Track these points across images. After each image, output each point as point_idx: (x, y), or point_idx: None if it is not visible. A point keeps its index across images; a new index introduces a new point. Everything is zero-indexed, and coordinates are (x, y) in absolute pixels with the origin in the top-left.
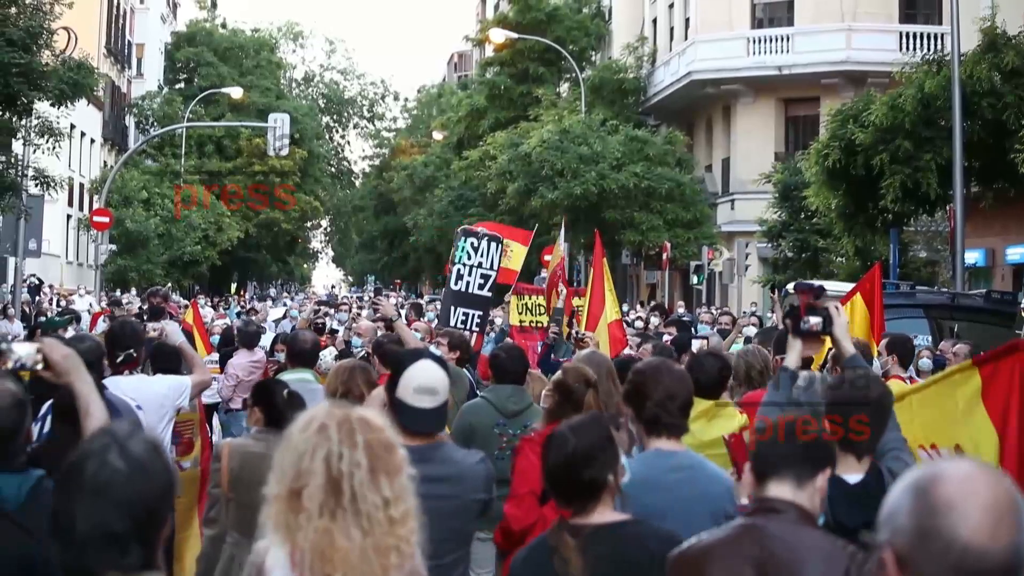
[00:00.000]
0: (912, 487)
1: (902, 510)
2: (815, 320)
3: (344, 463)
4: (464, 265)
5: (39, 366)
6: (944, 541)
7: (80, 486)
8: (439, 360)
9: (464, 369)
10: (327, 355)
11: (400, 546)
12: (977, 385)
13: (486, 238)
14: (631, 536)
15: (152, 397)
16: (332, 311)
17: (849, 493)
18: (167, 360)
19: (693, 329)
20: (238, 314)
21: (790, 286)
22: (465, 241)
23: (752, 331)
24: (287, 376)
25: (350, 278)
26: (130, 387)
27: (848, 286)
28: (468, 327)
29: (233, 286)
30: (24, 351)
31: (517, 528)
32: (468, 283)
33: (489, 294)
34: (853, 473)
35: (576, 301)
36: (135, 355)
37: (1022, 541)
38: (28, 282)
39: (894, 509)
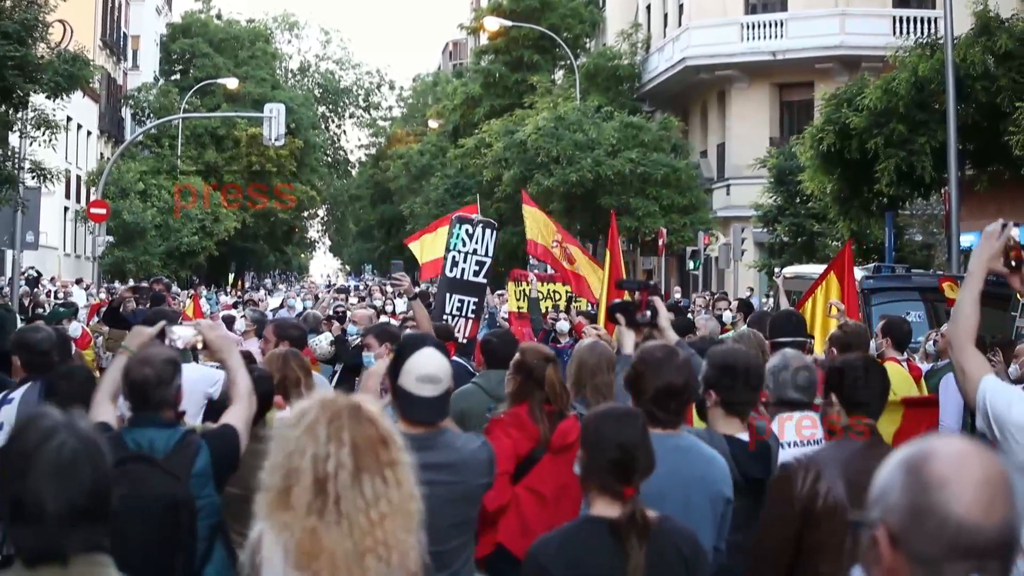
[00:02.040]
0: (904, 464)
1: (895, 487)
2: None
3: (330, 464)
4: (459, 252)
5: (199, 345)
6: (938, 518)
7: (43, 467)
8: (441, 347)
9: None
10: (323, 340)
11: (378, 549)
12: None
13: (480, 225)
14: (670, 535)
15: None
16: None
17: (749, 450)
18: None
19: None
20: (235, 304)
21: (785, 270)
22: (460, 228)
23: (729, 316)
24: None
25: (347, 267)
26: None
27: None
28: (464, 314)
29: (231, 276)
30: (185, 332)
31: (492, 508)
32: (463, 270)
33: (484, 280)
34: (742, 432)
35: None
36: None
37: (1015, 517)
38: (27, 275)
39: (886, 487)
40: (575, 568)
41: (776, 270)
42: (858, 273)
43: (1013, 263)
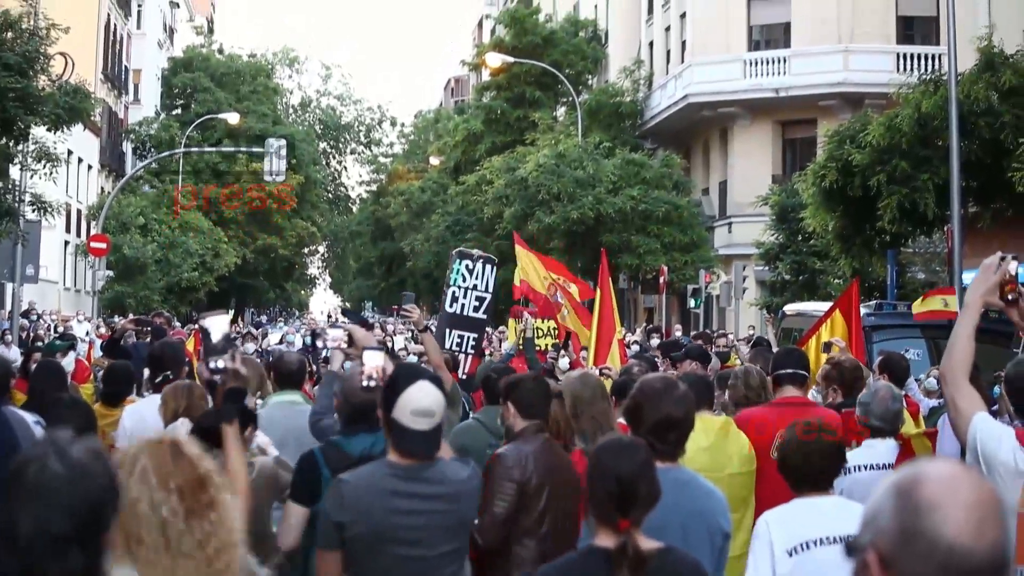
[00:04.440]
0: (894, 488)
1: (885, 511)
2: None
3: (165, 510)
4: (459, 287)
5: (344, 344)
6: (929, 541)
7: (21, 490)
8: (436, 380)
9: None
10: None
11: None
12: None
13: (481, 260)
14: (671, 566)
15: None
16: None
17: None
18: (287, 379)
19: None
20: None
21: (787, 307)
22: (460, 263)
23: (715, 361)
24: (275, 399)
25: (348, 304)
26: None
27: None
28: (464, 349)
29: (231, 312)
30: (336, 334)
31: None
32: (463, 305)
33: (484, 316)
34: None
35: (567, 317)
36: (172, 377)
37: (1006, 540)
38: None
39: (876, 510)
40: None
41: (785, 308)
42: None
43: (1010, 297)
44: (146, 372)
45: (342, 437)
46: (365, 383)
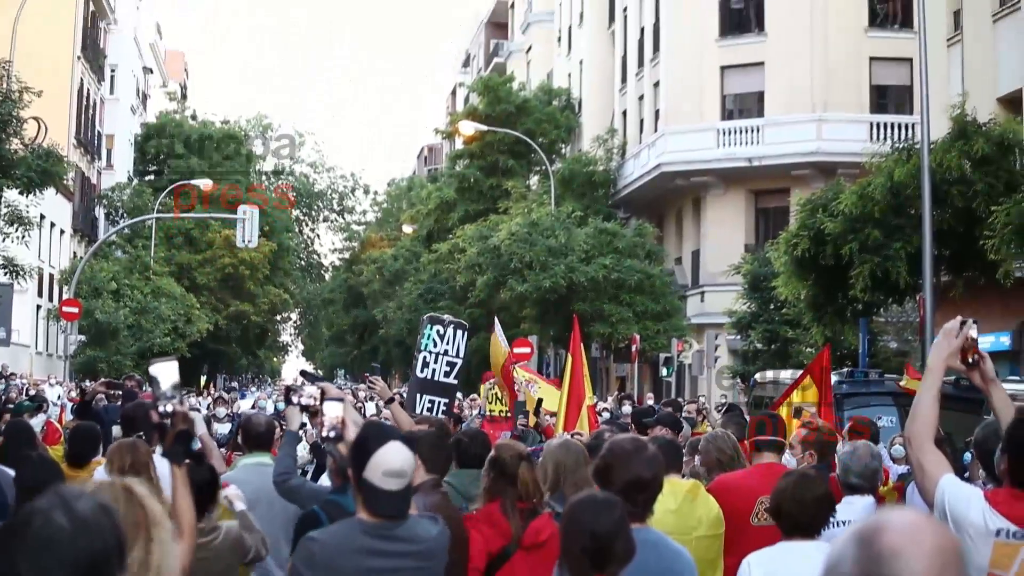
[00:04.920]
0: (856, 536)
1: (847, 559)
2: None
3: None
4: (430, 353)
5: (316, 401)
6: None
7: (25, 543)
8: (406, 441)
9: None
10: (300, 449)
11: None
12: None
13: (452, 325)
14: None
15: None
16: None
17: None
18: (256, 440)
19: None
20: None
21: (758, 375)
22: (431, 328)
23: (686, 428)
24: (244, 460)
25: (320, 372)
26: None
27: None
28: (434, 414)
29: (203, 379)
30: (311, 390)
31: None
32: (434, 370)
33: (455, 381)
34: None
35: (539, 390)
36: (144, 438)
37: None
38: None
39: (839, 558)
40: None
41: (756, 376)
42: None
43: (971, 360)
44: (117, 432)
45: (338, 495)
46: (325, 434)
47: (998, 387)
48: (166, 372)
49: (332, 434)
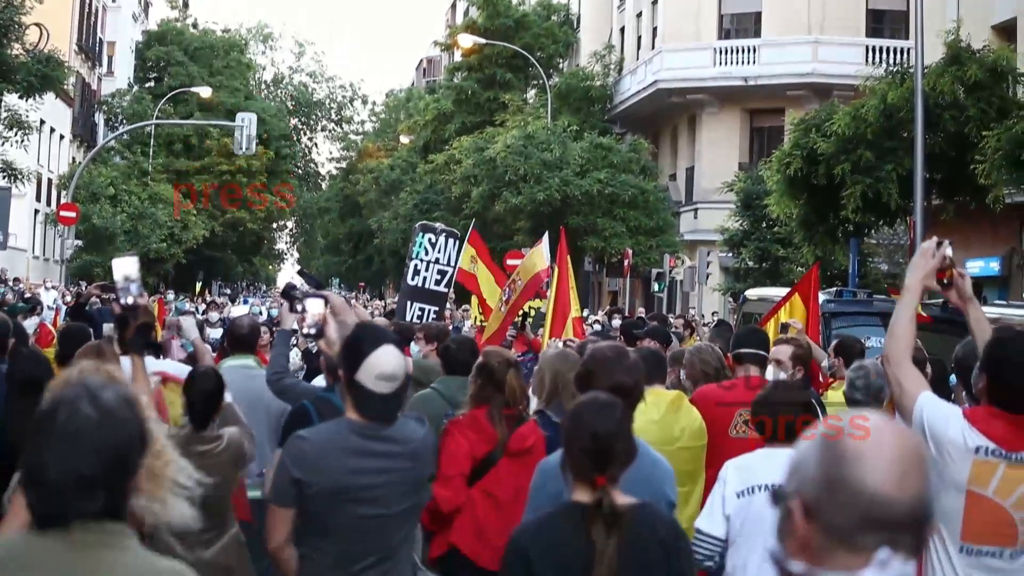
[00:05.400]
0: (820, 439)
1: (810, 461)
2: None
3: None
4: (421, 260)
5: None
6: (851, 490)
7: (52, 433)
8: (399, 343)
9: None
10: (293, 355)
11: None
12: None
13: (444, 234)
14: (647, 520)
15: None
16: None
17: None
18: (240, 343)
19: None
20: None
21: (748, 292)
22: (423, 237)
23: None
24: (229, 362)
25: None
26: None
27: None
28: (424, 322)
29: (198, 285)
30: (317, 308)
31: (446, 510)
32: (425, 278)
33: (445, 290)
34: None
35: (533, 303)
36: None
37: (928, 493)
38: None
39: (802, 460)
40: (550, 550)
41: (747, 293)
42: (820, 297)
43: (946, 281)
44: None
45: (330, 392)
46: (306, 331)
47: (975, 306)
48: (126, 267)
49: (313, 331)
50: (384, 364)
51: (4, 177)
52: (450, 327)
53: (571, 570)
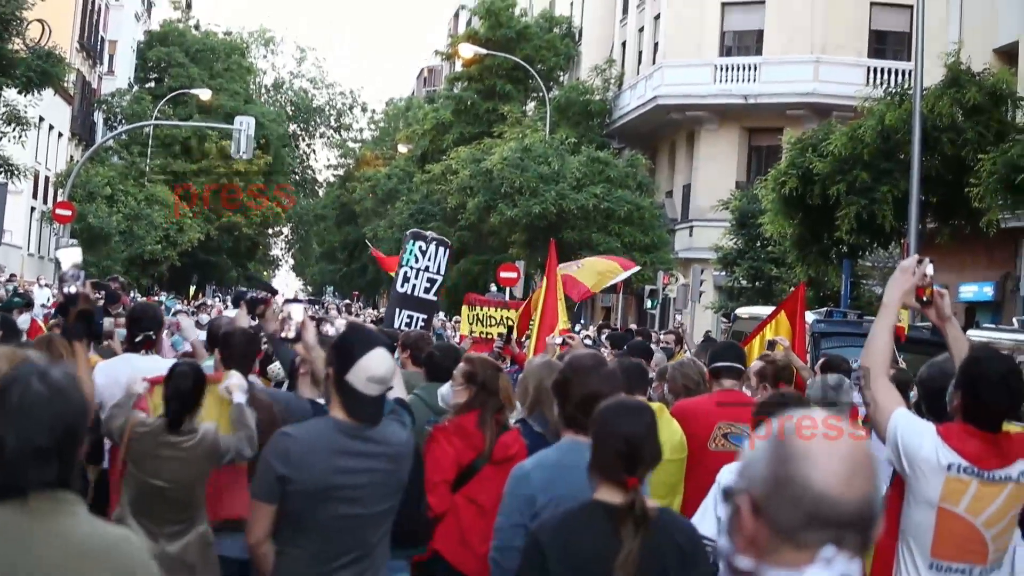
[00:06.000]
0: (771, 437)
1: (759, 459)
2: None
3: None
4: (411, 268)
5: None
6: (798, 487)
7: (8, 409)
8: (390, 347)
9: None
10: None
11: None
12: None
13: (434, 242)
14: (666, 525)
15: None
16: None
17: None
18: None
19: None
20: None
21: (739, 310)
22: (414, 244)
23: (660, 355)
24: (208, 362)
25: (309, 288)
26: (144, 365)
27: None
28: (412, 329)
29: (192, 288)
30: (298, 313)
31: (431, 516)
32: (414, 286)
33: (435, 298)
34: None
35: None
36: (153, 337)
37: (874, 493)
38: None
39: (752, 458)
40: (571, 548)
41: (738, 312)
42: (809, 316)
43: (925, 299)
44: (109, 325)
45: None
46: (284, 334)
47: (953, 325)
48: (70, 256)
49: (292, 335)
50: (376, 367)
51: (1, 173)
52: (435, 334)
53: (587, 570)
